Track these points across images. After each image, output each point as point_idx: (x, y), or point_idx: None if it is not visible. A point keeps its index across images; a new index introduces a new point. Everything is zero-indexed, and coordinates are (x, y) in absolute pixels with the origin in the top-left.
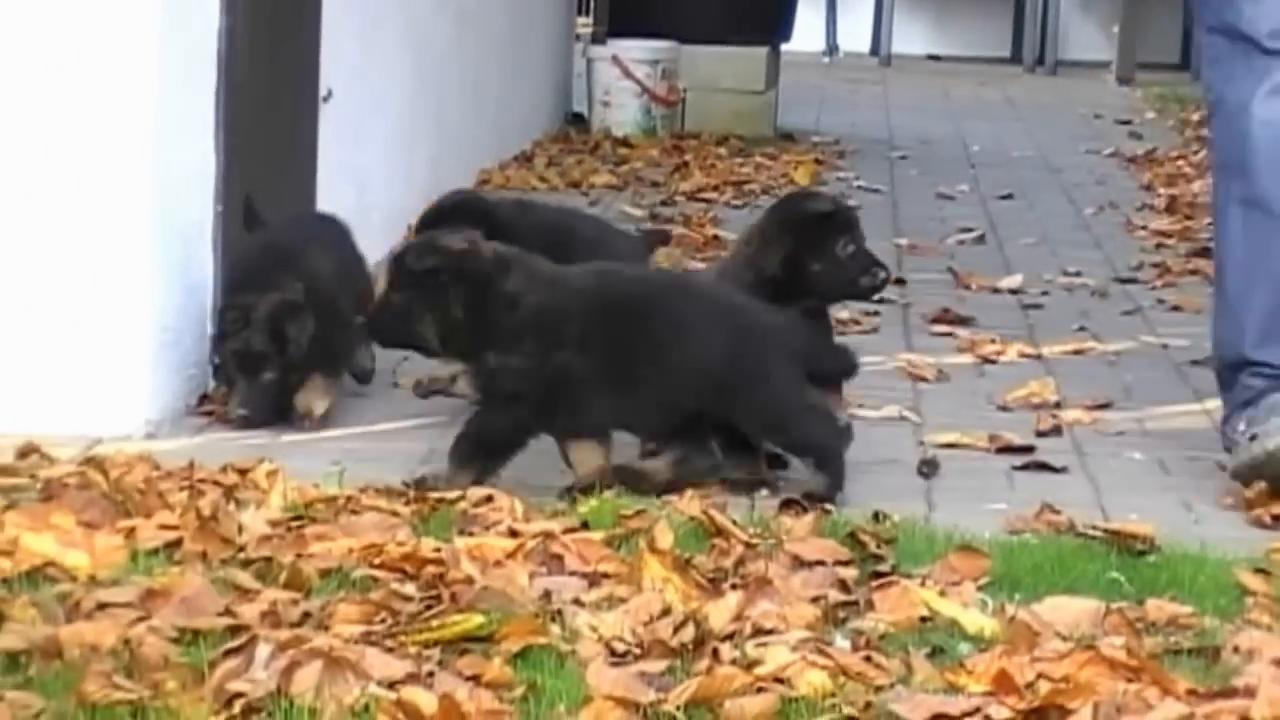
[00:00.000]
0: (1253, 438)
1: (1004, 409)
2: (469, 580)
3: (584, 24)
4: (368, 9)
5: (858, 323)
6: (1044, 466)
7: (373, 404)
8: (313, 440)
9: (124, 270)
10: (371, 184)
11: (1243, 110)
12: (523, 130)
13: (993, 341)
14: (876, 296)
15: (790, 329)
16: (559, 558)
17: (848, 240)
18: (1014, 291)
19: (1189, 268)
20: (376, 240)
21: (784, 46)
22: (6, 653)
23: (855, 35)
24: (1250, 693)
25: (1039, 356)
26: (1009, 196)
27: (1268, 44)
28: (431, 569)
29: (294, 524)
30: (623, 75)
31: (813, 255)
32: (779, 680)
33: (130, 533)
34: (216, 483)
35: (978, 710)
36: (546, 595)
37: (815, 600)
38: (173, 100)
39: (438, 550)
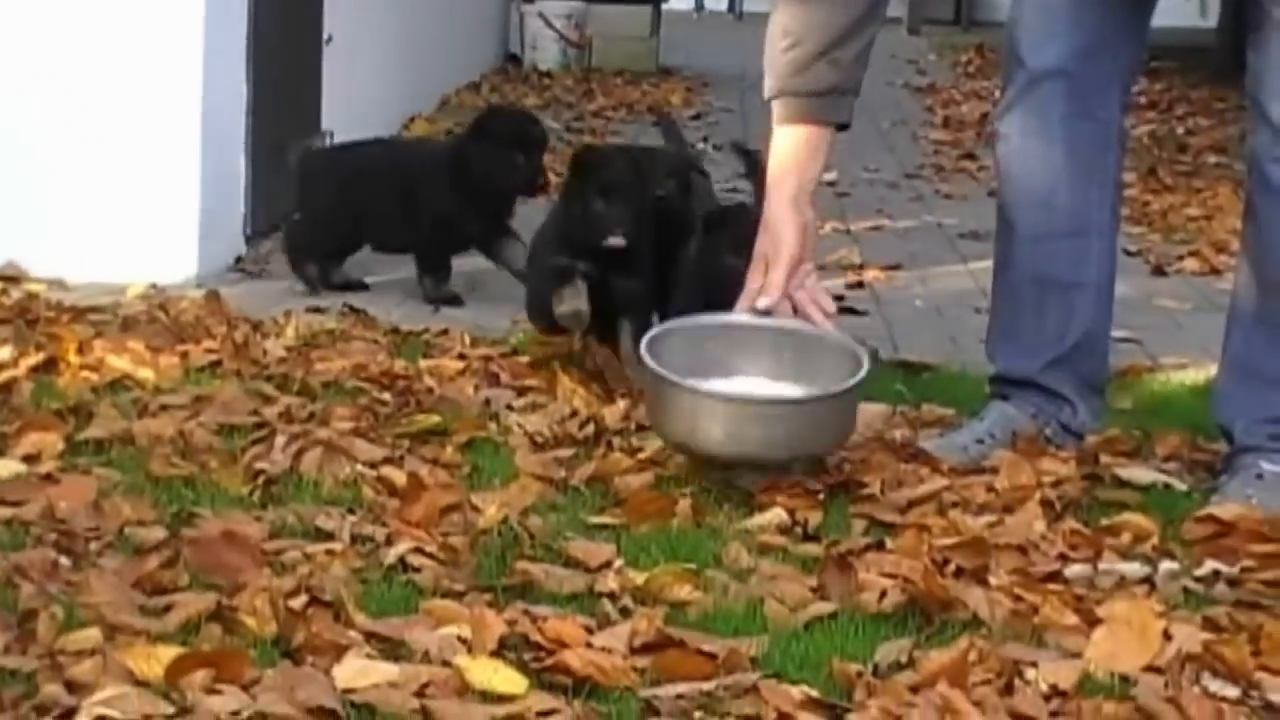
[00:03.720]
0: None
1: (821, 268)
2: (430, 390)
3: None
4: None
5: None
6: (851, 311)
7: (362, 265)
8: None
9: (182, 166)
10: (362, 106)
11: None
12: (474, 66)
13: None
14: (730, 186)
15: None
16: (496, 375)
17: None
18: (830, 183)
19: (958, 167)
20: None
21: (664, 6)
22: (95, 440)
23: None
24: (995, 470)
25: (848, 231)
26: None
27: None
28: (402, 382)
29: (303, 349)
30: (546, 26)
31: None
32: (654, 463)
33: (185, 355)
34: (247, 319)
35: (798, 484)
36: (487, 402)
37: None
38: (215, 44)
39: (407, 368)
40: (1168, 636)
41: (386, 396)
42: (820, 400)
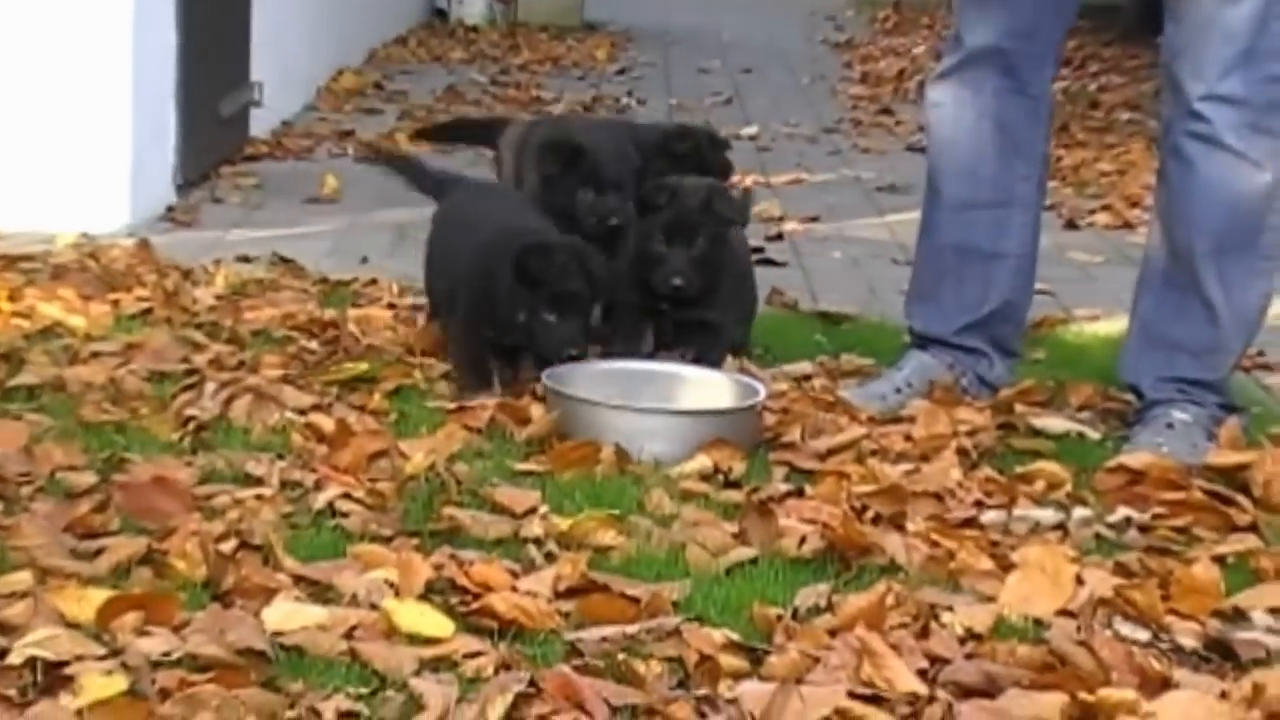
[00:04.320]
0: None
1: (741, 222)
2: (357, 339)
3: None
4: None
5: None
6: (771, 263)
7: (291, 215)
8: (249, 239)
9: (113, 116)
10: (290, 58)
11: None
12: (401, 21)
13: (736, 174)
14: None
15: None
16: None
17: None
18: (751, 138)
19: (875, 122)
20: (294, 97)
21: None
22: (26, 387)
23: None
24: (912, 419)
25: (768, 184)
26: (749, 70)
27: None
28: (331, 330)
29: (233, 298)
30: None
31: None
32: None
33: (116, 303)
34: (178, 268)
35: None
36: (412, 349)
37: None
38: None
39: (335, 317)
40: (1080, 581)
41: (315, 345)
42: (726, 414)
